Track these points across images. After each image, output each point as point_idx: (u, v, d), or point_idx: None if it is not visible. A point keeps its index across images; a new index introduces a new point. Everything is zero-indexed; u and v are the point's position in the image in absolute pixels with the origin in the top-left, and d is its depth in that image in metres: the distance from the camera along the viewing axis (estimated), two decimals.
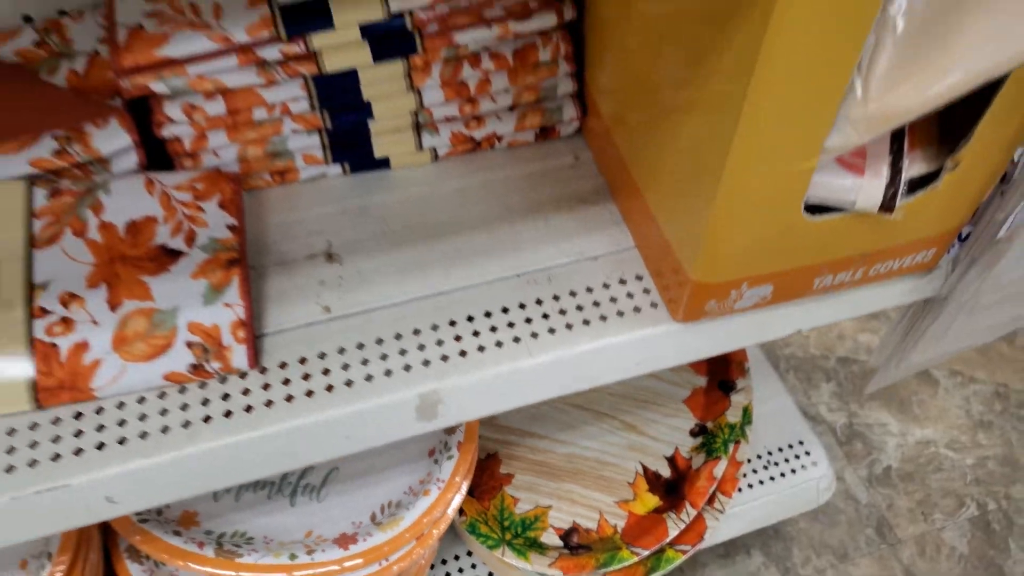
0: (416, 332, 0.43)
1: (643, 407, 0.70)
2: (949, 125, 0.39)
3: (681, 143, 0.39)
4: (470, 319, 0.44)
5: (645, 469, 0.68)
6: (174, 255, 0.42)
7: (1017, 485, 0.84)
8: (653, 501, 0.65)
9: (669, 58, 0.38)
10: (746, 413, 0.67)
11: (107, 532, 0.51)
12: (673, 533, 0.62)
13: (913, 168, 0.39)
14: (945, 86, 0.32)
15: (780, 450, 0.72)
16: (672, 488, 0.66)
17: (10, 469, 0.38)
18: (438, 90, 0.47)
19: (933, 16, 0.31)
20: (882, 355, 0.56)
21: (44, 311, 0.40)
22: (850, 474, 0.86)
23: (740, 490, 0.69)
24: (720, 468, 0.64)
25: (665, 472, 0.67)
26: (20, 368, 0.39)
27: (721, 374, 0.70)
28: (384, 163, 0.50)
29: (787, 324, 0.46)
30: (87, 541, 0.47)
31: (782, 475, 0.71)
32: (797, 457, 0.71)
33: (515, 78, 0.48)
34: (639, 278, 0.46)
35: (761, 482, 0.70)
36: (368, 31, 0.43)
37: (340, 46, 0.43)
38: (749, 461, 0.71)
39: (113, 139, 0.44)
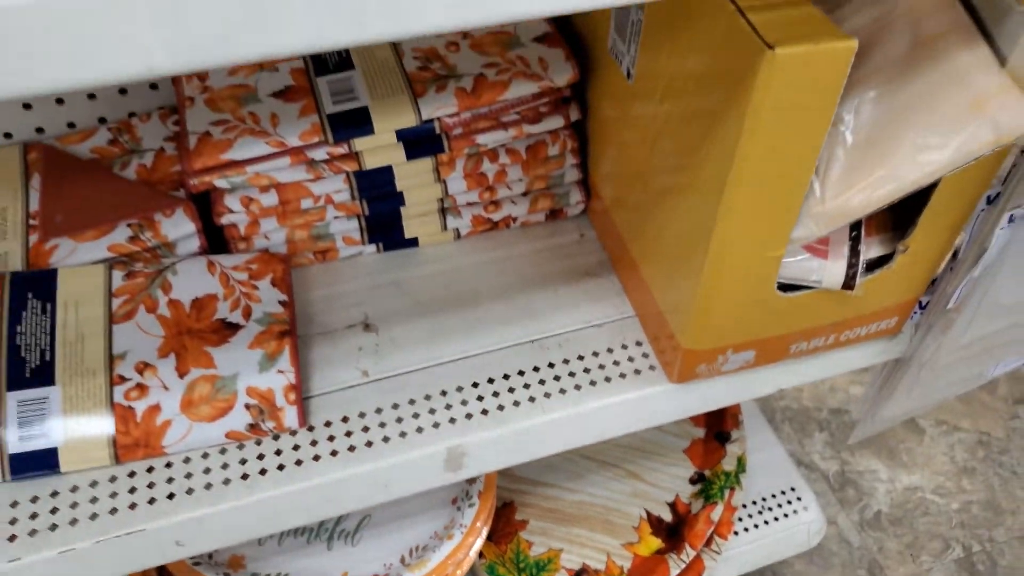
0: (443, 393, 0.49)
1: (646, 457, 0.75)
2: (901, 213, 0.45)
3: (672, 228, 0.45)
4: (491, 381, 0.50)
5: (648, 514, 0.73)
6: (233, 328, 0.49)
7: (999, 528, 0.89)
8: (656, 543, 0.70)
9: (660, 155, 0.45)
10: (740, 462, 0.72)
11: (163, 573, 0.57)
12: (674, 573, 0.67)
13: (870, 251, 0.45)
14: (885, 192, 0.38)
15: (773, 496, 0.77)
16: (673, 531, 0.71)
17: (94, 516, 0.44)
18: (461, 181, 0.54)
19: (874, 133, 0.38)
20: (863, 408, 0.61)
21: (122, 378, 0.46)
22: (843, 519, 0.91)
23: (736, 533, 0.74)
24: (717, 512, 0.69)
25: (667, 516, 0.72)
26: (102, 428, 0.45)
27: (717, 426, 0.75)
28: (413, 242, 0.56)
29: (769, 384, 0.52)
30: None
31: (775, 519, 0.76)
32: (789, 503, 0.77)
33: (528, 169, 0.54)
34: (638, 343, 0.52)
35: (756, 526, 0.75)
36: (403, 135, 0.50)
37: (379, 147, 0.50)
38: (744, 506, 0.76)
39: (179, 227, 0.51)
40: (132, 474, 0.45)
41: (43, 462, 0.44)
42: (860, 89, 0.39)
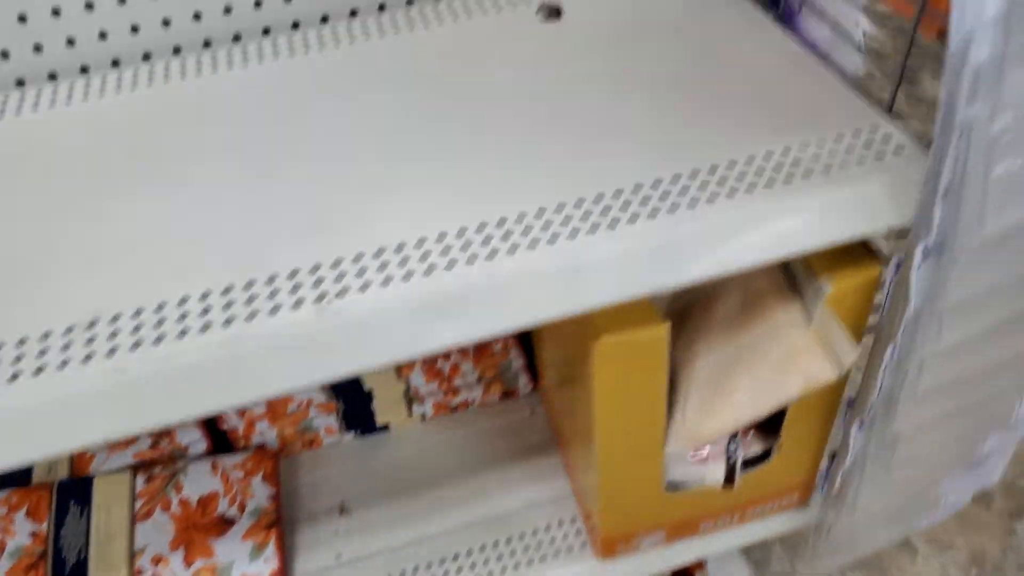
0: (402, 574, 0.58)
1: None
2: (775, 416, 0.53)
3: (576, 432, 0.54)
4: (446, 560, 0.58)
5: None
6: (230, 522, 0.59)
7: None
8: None
9: (565, 368, 0.53)
10: None
11: None
12: None
13: (751, 450, 0.52)
14: (733, 422, 0.46)
15: None
16: None
17: None
18: (420, 376, 0.63)
19: (719, 374, 0.46)
20: (803, 559, 0.67)
21: (140, 571, 0.56)
22: None
23: None
24: None
25: None
26: None
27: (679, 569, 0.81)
28: (385, 427, 0.66)
29: (689, 554, 0.59)
30: None
31: None
32: None
33: (477, 363, 0.64)
34: (573, 521, 0.59)
35: None
36: None
37: None
38: None
39: (190, 435, 0.62)
40: None
41: None
42: (708, 336, 0.47)
